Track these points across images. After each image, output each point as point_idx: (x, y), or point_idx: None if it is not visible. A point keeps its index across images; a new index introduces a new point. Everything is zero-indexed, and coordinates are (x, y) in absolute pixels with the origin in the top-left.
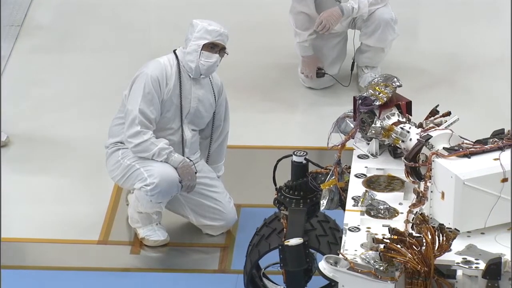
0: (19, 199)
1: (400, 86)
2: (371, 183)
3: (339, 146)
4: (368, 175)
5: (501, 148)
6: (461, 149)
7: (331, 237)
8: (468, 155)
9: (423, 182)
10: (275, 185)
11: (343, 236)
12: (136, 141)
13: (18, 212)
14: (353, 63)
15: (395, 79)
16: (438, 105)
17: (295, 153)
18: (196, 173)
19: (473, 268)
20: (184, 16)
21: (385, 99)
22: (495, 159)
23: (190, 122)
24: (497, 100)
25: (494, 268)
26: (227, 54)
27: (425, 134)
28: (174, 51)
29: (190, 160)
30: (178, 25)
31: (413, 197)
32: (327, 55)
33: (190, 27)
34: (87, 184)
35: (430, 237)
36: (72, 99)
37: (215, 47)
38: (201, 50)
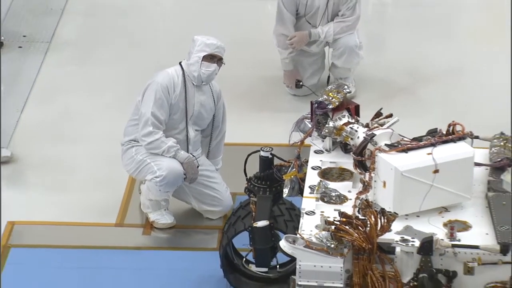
0: (48, 188)
1: (349, 92)
2: (325, 174)
3: (299, 143)
4: (323, 167)
5: (433, 145)
6: (400, 145)
7: (296, 223)
8: (406, 150)
9: (368, 173)
10: (246, 176)
11: (301, 219)
12: (148, 139)
13: (47, 199)
14: (329, 76)
15: (346, 86)
16: (381, 108)
17: (263, 149)
18: (198, 167)
19: (410, 245)
20: (188, 33)
21: (337, 103)
22: (428, 154)
23: (194, 123)
24: (451, 105)
25: (427, 245)
26: (224, 64)
27: (370, 132)
28: (180, 63)
29: (193, 155)
30: (183, 41)
31: (360, 186)
32: (307, 68)
33: (192, 42)
34: (105, 176)
35: (373, 219)
36: (93, 103)
37: (214, 58)
38: (202, 60)
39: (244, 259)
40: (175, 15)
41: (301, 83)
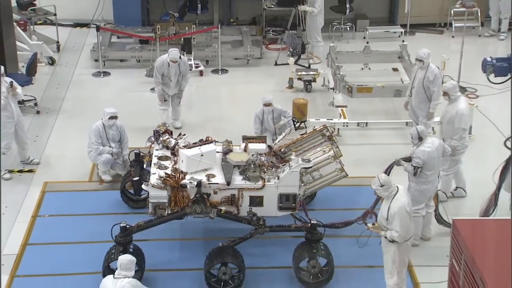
0: (55, 165)
1: (168, 126)
2: (160, 158)
3: (150, 146)
4: (159, 155)
5: (201, 145)
6: (188, 145)
7: (149, 177)
8: (190, 147)
9: (176, 157)
10: (129, 160)
11: (150, 176)
12: (97, 151)
13: (53, 171)
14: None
15: (167, 124)
16: (181, 132)
17: (135, 151)
18: (118, 156)
19: (193, 184)
20: (113, 106)
21: (163, 130)
22: (199, 149)
23: (112, 141)
24: (220, 133)
25: (199, 183)
26: (117, 117)
27: (177, 141)
28: (102, 119)
29: (116, 149)
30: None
31: (173, 163)
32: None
33: (103, 111)
34: (85, 162)
35: (178, 174)
36: (76, 137)
37: (113, 117)
38: (108, 119)
39: (137, 197)
40: (109, 100)
41: (165, 100)
